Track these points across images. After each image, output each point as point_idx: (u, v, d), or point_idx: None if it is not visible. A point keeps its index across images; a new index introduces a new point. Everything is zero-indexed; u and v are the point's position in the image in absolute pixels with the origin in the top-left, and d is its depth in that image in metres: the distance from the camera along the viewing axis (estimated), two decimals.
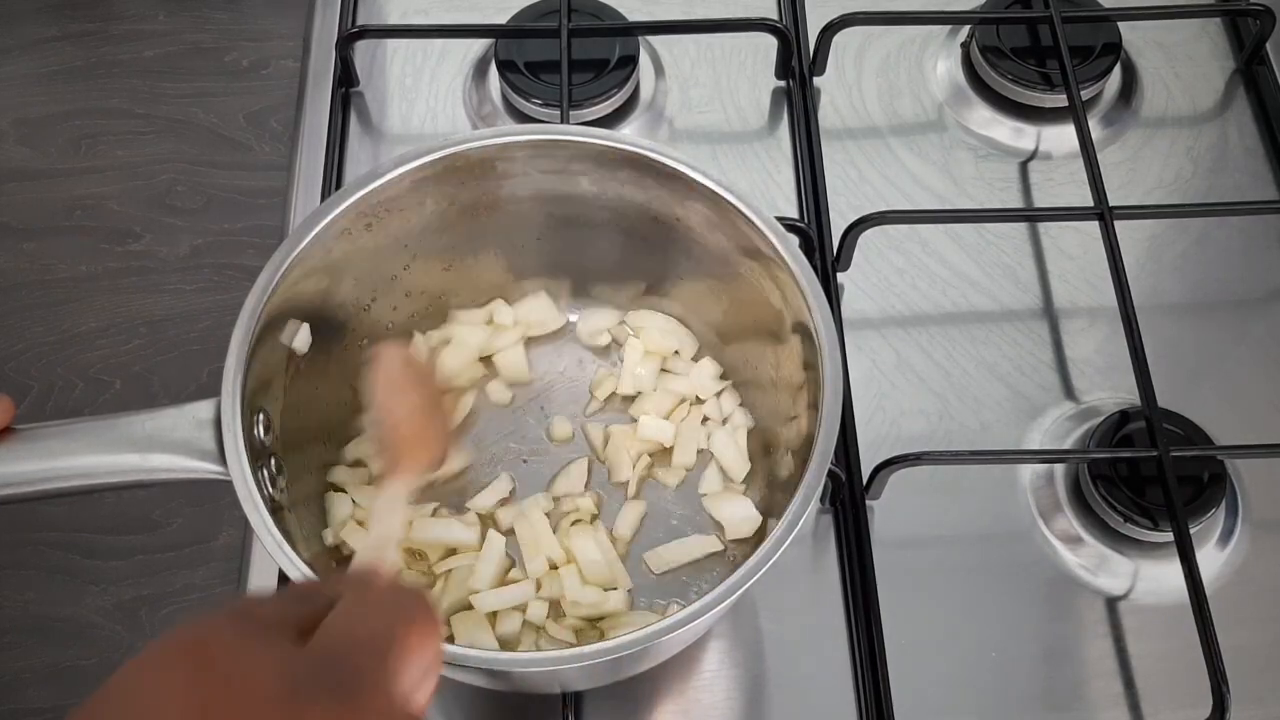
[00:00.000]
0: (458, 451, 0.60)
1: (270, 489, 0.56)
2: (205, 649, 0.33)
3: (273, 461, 0.57)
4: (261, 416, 0.57)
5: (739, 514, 0.63)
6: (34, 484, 0.52)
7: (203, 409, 0.54)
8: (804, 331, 0.58)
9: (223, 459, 0.53)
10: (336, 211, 0.59)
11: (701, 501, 0.65)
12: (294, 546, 0.52)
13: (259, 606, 0.37)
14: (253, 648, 0.33)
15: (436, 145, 0.61)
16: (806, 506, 0.52)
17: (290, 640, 0.35)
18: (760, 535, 0.62)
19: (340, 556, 0.62)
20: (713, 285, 0.66)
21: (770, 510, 0.63)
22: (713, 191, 0.60)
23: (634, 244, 0.67)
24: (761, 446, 0.66)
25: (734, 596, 0.50)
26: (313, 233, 0.58)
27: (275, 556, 0.51)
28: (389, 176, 0.60)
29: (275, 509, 0.54)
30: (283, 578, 0.63)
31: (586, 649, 0.49)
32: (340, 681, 0.33)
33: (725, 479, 0.66)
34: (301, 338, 0.61)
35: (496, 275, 0.69)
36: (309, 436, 0.63)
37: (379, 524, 0.49)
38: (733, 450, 0.66)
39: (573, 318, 0.70)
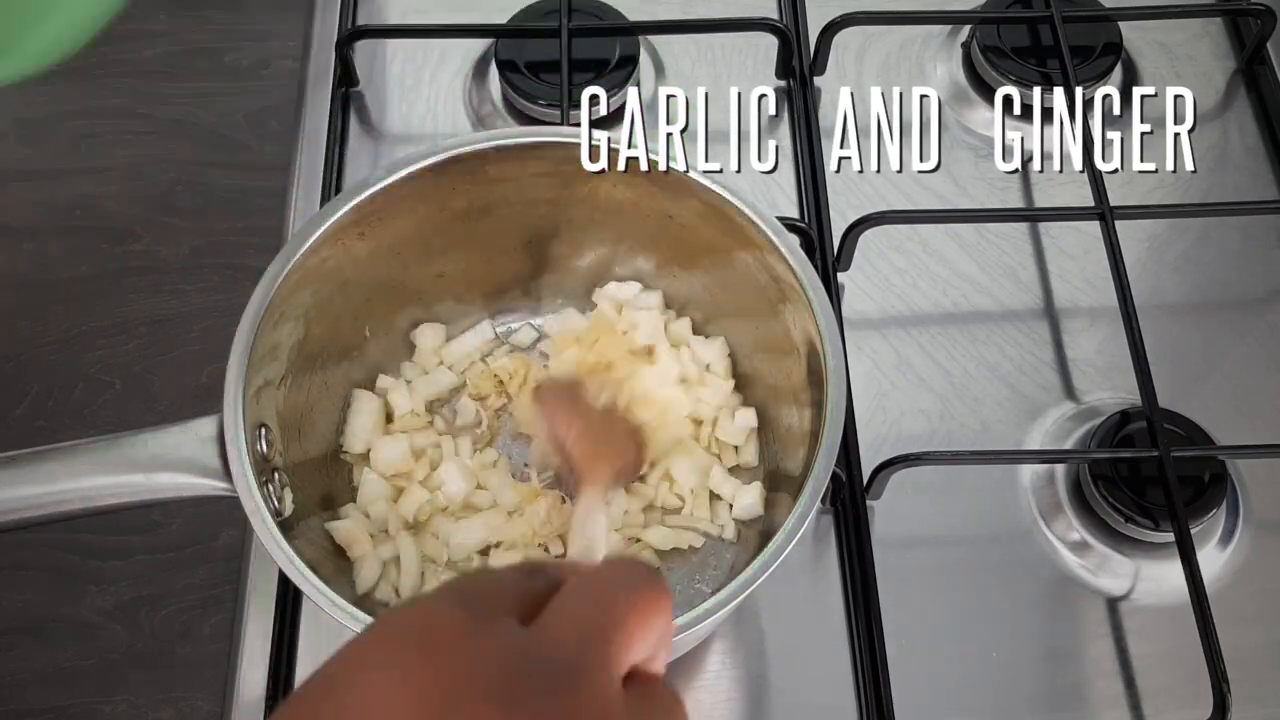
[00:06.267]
0: (649, 450, 0.62)
1: (277, 503, 0.56)
2: (431, 639, 0.32)
3: (277, 476, 0.57)
4: (264, 431, 0.56)
5: (745, 499, 0.64)
6: (37, 509, 0.52)
7: (205, 426, 0.54)
8: (806, 332, 0.58)
9: (228, 475, 0.53)
10: (332, 220, 0.59)
11: (709, 491, 0.65)
12: (305, 559, 0.52)
13: (486, 585, 0.36)
14: (480, 634, 0.32)
15: (429, 150, 0.60)
16: (810, 510, 0.52)
17: (516, 620, 0.34)
18: (765, 529, 0.62)
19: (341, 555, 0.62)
20: (712, 287, 0.66)
21: (774, 513, 0.63)
22: (713, 191, 0.60)
23: (634, 244, 0.67)
24: (764, 446, 0.66)
25: (738, 599, 0.50)
26: (308, 243, 0.58)
27: (288, 571, 0.51)
28: (383, 184, 0.60)
29: (283, 523, 0.54)
30: (284, 580, 0.63)
31: None
32: (561, 673, 0.32)
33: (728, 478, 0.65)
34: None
35: (492, 280, 0.69)
36: (311, 446, 0.63)
37: (580, 535, 0.51)
38: (735, 449, 0.66)
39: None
